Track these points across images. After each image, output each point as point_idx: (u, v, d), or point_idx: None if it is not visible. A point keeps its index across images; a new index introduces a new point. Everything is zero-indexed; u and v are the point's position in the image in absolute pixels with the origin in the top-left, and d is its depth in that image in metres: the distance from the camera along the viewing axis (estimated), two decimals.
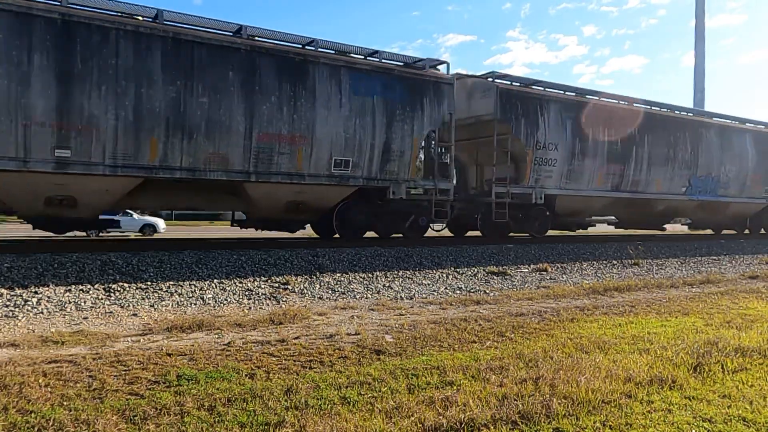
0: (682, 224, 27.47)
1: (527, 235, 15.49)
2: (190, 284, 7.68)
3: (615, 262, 12.31)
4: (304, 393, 3.57)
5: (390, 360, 4.46)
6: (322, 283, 8.39)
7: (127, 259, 8.36)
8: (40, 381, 3.67)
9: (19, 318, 5.91)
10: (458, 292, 8.58)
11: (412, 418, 3.15)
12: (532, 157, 14.22)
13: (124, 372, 4.00)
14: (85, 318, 6.04)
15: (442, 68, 13.24)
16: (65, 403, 3.31)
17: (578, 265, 11.62)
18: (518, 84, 14.79)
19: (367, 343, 4.96)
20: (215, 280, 7.98)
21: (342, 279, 8.71)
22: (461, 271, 9.99)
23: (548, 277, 10.22)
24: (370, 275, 9.08)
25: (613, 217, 20.39)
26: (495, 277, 9.85)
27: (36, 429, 2.93)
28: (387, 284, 8.71)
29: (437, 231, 15.13)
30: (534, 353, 4.65)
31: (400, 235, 13.57)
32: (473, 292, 8.51)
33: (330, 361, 4.40)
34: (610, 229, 24.44)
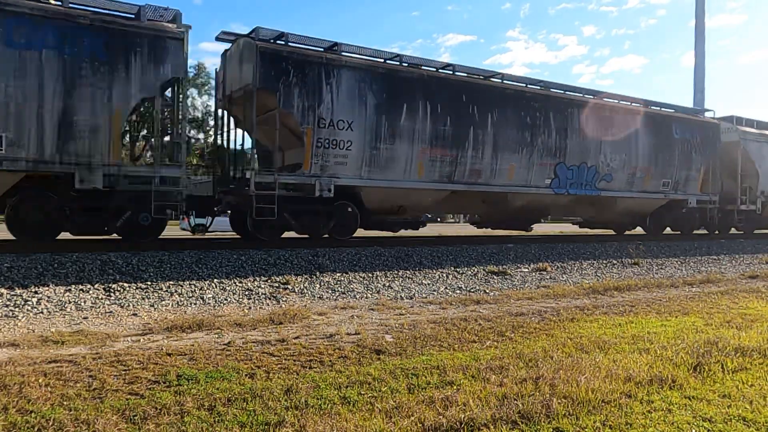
0: (573, 223, 24.15)
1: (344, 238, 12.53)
2: (190, 284, 7.68)
3: (615, 261, 12.31)
4: (304, 393, 3.57)
5: (390, 360, 4.46)
6: (322, 283, 8.39)
7: (127, 258, 8.36)
8: (40, 381, 3.67)
9: (19, 318, 5.90)
10: (458, 291, 8.58)
11: (412, 418, 3.15)
12: (313, 137, 11.13)
13: (124, 372, 4.00)
14: (85, 318, 6.04)
15: (187, 22, 10.23)
16: (65, 403, 3.31)
17: (578, 264, 11.62)
18: (298, 45, 11.54)
19: (367, 342, 4.96)
20: (215, 280, 7.98)
21: (342, 279, 8.71)
22: (461, 271, 9.99)
23: (548, 277, 10.22)
24: (370, 275, 9.08)
25: (476, 216, 17.49)
26: (495, 277, 9.85)
27: (36, 429, 2.93)
28: (387, 284, 8.71)
29: (195, 231, 11.56)
30: (534, 353, 4.65)
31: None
32: (473, 292, 8.51)
33: (330, 361, 4.40)
34: (460, 230, 20.90)
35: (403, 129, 12.25)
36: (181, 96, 10.46)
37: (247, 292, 7.61)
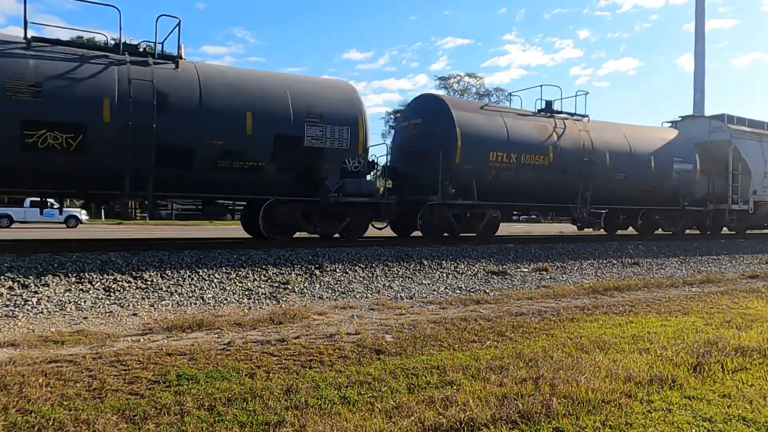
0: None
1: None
2: (190, 284, 7.68)
3: (615, 261, 12.31)
4: (304, 393, 3.57)
5: (390, 360, 4.46)
6: (322, 283, 8.39)
7: (127, 258, 8.36)
8: (40, 381, 3.67)
9: (19, 318, 5.90)
10: (458, 291, 8.58)
11: (412, 418, 3.15)
12: None
13: (124, 372, 4.00)
14: (85, 318, 6.04)
15: None
16: (65, 403, 3.31)
17: (578, 264, 11.62)
18: None
19: (367, 342, 4.97)
20: (215, 280, 7.98)
21: (342, 279, 8.71)
22: (461, 271, 9.99)
23: (548, 277, 10.21)
24: (370, 275, 9.08)
25: None
26: (495, 277, 9.85)
27: (36, 429, 2.93)
28: (387, 284, 8.71)
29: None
30: (534, 353, 4.65)
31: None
32: (473, 292, 8.51)
33: (330, 361, 4.40)
34: None
35: None
36: None
37: (247, 292, 7.61)
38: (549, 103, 15.63)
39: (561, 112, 15.69)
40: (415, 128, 13.90)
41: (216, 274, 8.25)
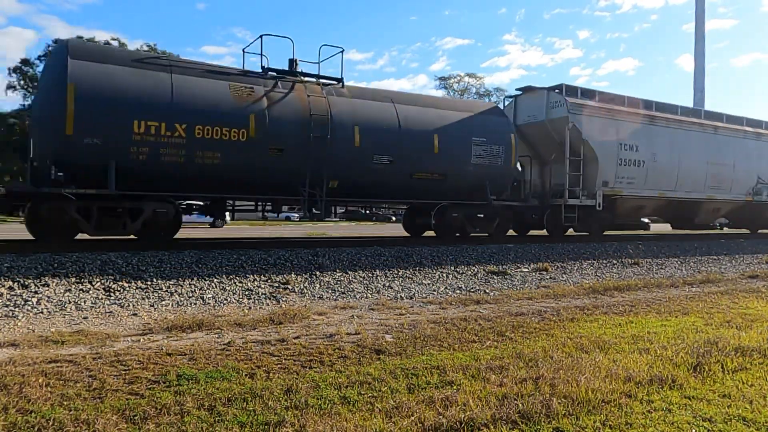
0: None
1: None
2: (190, 284, 7.68)
3: (615, 261, 12.31)
4: (304, 393, 3.57)
5: (390, 360, 4.46)
6: (322, 283, 8.38)
7: (127, 258, 8.36)
8: (40, 381, 3.67)
9: (19, 318, 5.90)
10: (458, 291, 8.58)
11: (412, 418, 3.15)
12: None
13: (124, 372, 4.00)
14: (85, 318, 6.04)
15: None
16: (65, 403, 3.31)
17: (578, 264, 11.62)
18: None
19: (367, 342, 4.97)
20: (215, 280, 7.98)
21: (342, 279, 8.71)
22: (461, 271, 9.99)
23: (548, 277, 10.21)
24: (370, 275, 9.08)
25: None
26: (495, 277, 9.85)
27: (36, 429, 2.93)
28: (387, 284, 8.71)
29: None
30: (534, 353, 4.65)
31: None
32: (473, 292, 8.51)
33: (330, 361, 4.40)
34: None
35: None
36: None
37: (247, 292, 7.61)
38: (292, 62, 11.66)
39: (300, 73, 11.60)
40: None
41: (216, 274, 8.25)
